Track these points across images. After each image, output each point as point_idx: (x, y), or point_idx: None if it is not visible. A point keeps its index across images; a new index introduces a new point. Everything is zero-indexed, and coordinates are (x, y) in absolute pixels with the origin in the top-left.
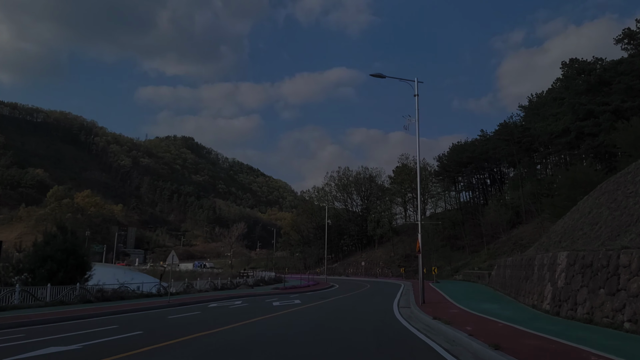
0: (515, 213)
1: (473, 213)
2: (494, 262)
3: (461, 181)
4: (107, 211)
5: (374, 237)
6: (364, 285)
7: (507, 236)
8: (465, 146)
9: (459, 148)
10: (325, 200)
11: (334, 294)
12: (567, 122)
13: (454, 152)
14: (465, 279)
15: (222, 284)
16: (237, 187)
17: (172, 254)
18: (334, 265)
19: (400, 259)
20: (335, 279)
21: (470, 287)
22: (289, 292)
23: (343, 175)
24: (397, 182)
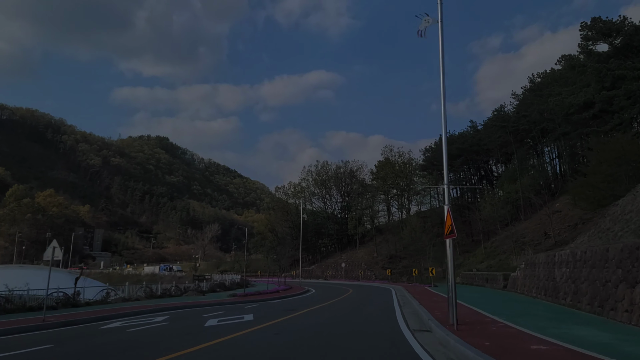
0: (514, 208)
1: (462, 210)
2: (493, 263)
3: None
4: (72, 212)
5: (355, 237)
6: (346, 290)
7: (505, 234)
8: (454, 138)
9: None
10: (302, 197)
11: (307, 303)
12: (590, 93)
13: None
14: (465, 282)
15: (163, 290)
16: (213, 188)
17: (51, 245)
18: (311, 268)
19: (384, 260)
20: (312, 282)
21: (492, 293)
22: (247, 300)
23: (321, 170)
24: (379, 177)
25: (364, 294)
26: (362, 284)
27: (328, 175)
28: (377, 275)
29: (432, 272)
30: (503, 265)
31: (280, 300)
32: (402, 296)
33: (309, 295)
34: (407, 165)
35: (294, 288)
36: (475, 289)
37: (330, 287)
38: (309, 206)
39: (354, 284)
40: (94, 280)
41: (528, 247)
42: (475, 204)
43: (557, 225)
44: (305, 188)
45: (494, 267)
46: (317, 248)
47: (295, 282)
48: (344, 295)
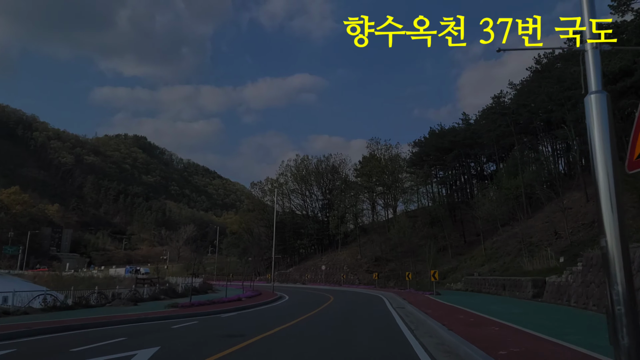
0: (518, 204)
1: (453, 210)
2: (497, 267)
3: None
4: (38, 211)
5: (337, 237)
6: (326, 298)
7: (507, 234)
8: (446, 131)
9: (440, 133)
10: (279, 192)
11: (268, 320)
12: (629, 57)
13: (433, 137)
14: (470, 288)
15: (77, 298)
16: (192, 189)
17: None
18: (289, 271)
19: (369, 262)
20: (287, 287)
21: (531, 308)
22: (185, 314)
23: (301, 165)
24: (364, 173)
25: (350, 304)
26: (345, 290)
27: (308, 170)
28: (361, 279)
29: (435, 276)
30: (510, 269)
31: (233, 313)
32: (400, 307)
33: (277, 306)
34: (394, 161)
35: (263, 294)
36: (497, 299)
37: (308, 294)
38: (287, 204)
39: (335, 289)
40: (35, 284)
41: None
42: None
43: (569, 223)
44: (283, 184)
45: (498, 271)
46: (295, 249)
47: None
48: (323, 305)
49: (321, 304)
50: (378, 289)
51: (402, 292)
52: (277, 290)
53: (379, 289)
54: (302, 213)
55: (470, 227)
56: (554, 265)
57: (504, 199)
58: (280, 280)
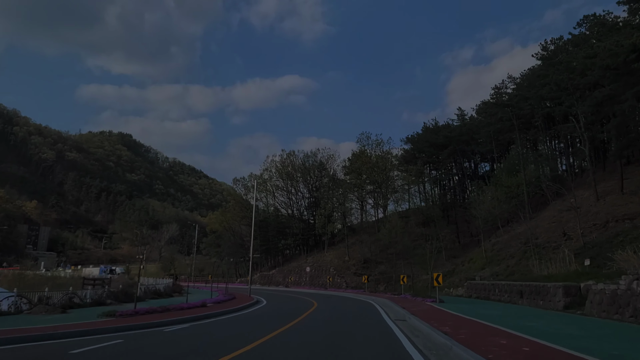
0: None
1: (447, 210)
2: (500, 270)
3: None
4: (14, 207)
5: (324, 237)
6: (308, 305)
7: (509, 235)
8: (440, 127)
9: (434, 129)
10: (264, 190)
11: (227, 338)
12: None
13: (427, 133)
14: (475, 295)
15: None
16: (177, 188)
17: None
18: (272, 272)
19: (358, 264)
20: (268, 290)
21: (587, 325)
22: (117, 327)
23: (287, 160)
24: (353, 170)
25: (336, 314)
26: (331, 294)
27: (294, 166)
28: (348, 282)
29: (439, 280)
30: (516, 273)
31: (185, 326)
32: (401, 320)
33: (245, 315)
34: (385, 159)
35: (237, 299)
36: (520, 310)
37: (288, 298)
38: (272, 201)
39: (320, 293)
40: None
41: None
42: (463, 202)
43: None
44: (267, 180)
45: (502, 275)
46: (279, 250)
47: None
48: (303, 315)
49: (301, 313)
50: (368, 293)
51: (396, 299)
52: (255, 293)
53: (369, 293)
54: (287, 212)
55: (464, 229)
56: (574, 269)
57: (505, 197)
58: (262, 282)
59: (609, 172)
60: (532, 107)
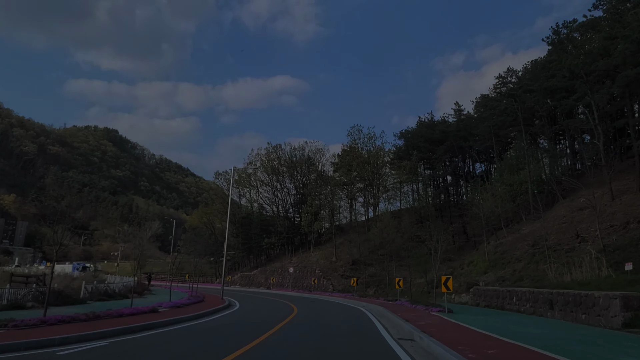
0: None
1: (442, 210)
2: (506, 275)
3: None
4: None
5: (310, 236)
6: (285, 311)
7: (513, 236)
8: (436, 123)
9: (430, 124)
10: (247, 185)
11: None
12: None
13: (422, 127)
14: (484, 303)
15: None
16: (163, 185)
17: None
18: (253, 273)
19: (346, 266)
20: (247, 292)
21: None
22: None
23: (273, 154)
24: (343, 164)
25: (320, 329)
26: (316, 298)
27: (280, 160)
28: (335, 285)
29: (449, 284)
30: (525, 278)
31: (104, 342)
32: (407, 339)
33: (202, 326)
34: (377, 155)
35: (205, 302)
36: (565, 327)
37: (266, 303)
38: (255, 196)
39: (304, 296)
40: None
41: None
42: (458, 202)
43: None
44: (251, 174)
45: (509, 280)
46: (262, 249)
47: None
48: (275, 328)
49: (273, 325)
50: (357, 298)
51: (392, 306)
52: (231, 295)
53: (358, 298)
54: (272, 209)
55: (460, 230)
56: (606, 274)
57: (510, 195)
58: (243, 283)
59: (622, 169)
60: (536, 100)
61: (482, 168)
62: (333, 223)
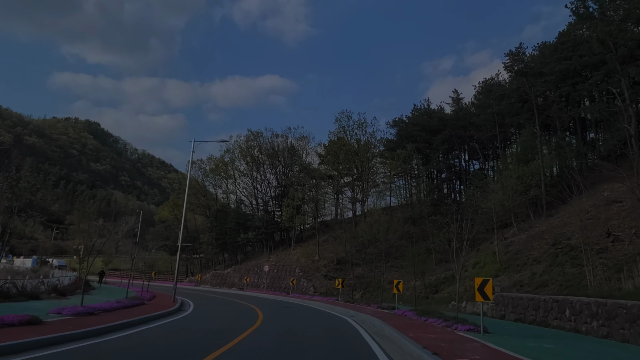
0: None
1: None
2: (524, 279)
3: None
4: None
5: (291, 231)
6: (243, 324)
7: (525, 234)
8: (433, 111)
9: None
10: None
11: None
12: None
13: (418, 115)
14: (509, 313)
15: None
16: (144, 181)
17: None
18: (227, 272)
19: (330, 265)
20: (214, 293)
21: None
22: None
23: (253, 141)
24: (331, 152)
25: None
26: (292, 302)
27: (261, 149)
28: (317, 287)
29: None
30: (550, 284)
31: None
32: None
33: (95, 350)
34: (368, 146)
35: (148, 306)
36: None
37: (226, 308)
38: (232, 186)
39: (279, 299)
40: None
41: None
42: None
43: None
44: (228, 164)
45: (529, 285)
46: (238, 246)
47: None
48: (213, 355)
49: (214, 348)
50: (343, 303)
51: (390, 317)
52: (191, 296)
53: (345, 304)
54: (251, 202)
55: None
56: None
57: (522, 187)
58: (214, 283)
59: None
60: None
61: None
62: (317, 218)
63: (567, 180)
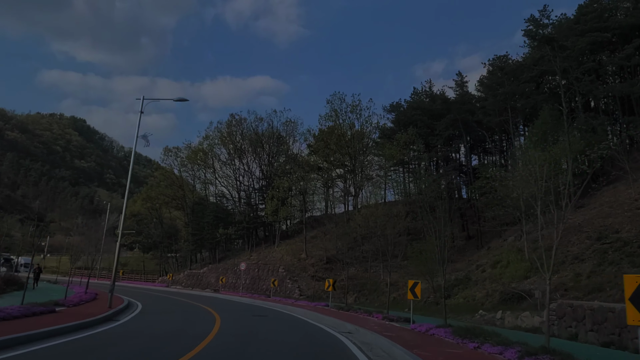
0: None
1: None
2: (566, 281)
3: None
4: None
5: (275, 227)
6: (181, 347)
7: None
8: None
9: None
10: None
11: None
12: None
13: (419, 98)
14: (588, 336)
15: None
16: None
17: None
18: (202, 271)
19: (318, 264)
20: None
21: None
22: None
23: (236, 127)
24: (319, 147)
25: None
26: (272, 309)
27: (244, 135)
28: (303, 289)
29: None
30: (606, 286)
31: None
32: None
33: None
34: (357, 141)
35: (61, 314)
36: None
37: (179, 314)
38: (211, 176)
39: (255, 304)
40: None
41: None
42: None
43: None
44: (208, 152)
45: (576, 290)
46: (217, 242)
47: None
48: None
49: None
50: (335, 312)
51: (414, 339)
52: (145, 299)
53: (338, 313)
54: (232, 194)
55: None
56: None
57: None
58: (188, 283)
59: None
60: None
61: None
62: (305, 210)
63: (602, 165)
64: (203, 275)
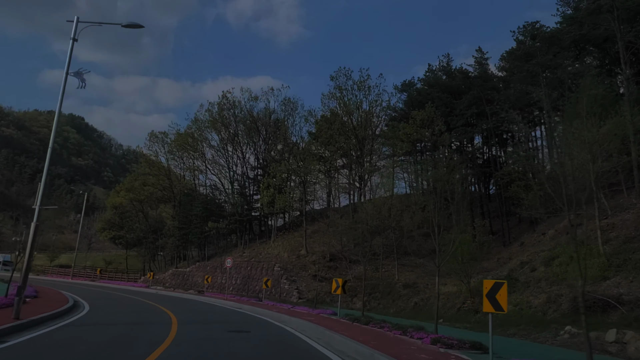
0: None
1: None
2: None
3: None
4: None
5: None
6: None
7: (629, 213)
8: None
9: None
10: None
11: None
12: None
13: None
14: None
15: None
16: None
17: None
18: (189, 270)
19: (320, 262)
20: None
21: None
22: None
23: (228, 111)
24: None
25: None
26: (259, 318)
27: (237, 118)
28: (302, 290)
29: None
30: None
31: None
32: None
33: None
34: (363, 128)
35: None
36: None
37: (120, 322)
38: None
39: (241, 312)
40: None
41: None
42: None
43: None
44: (198, 138)
45: None
46: (206, 238)
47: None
48: None
49: None
50: (349, 324)
51: None
52: (106, 301)
53: (355, 328)
54: (223, 184)
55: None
56: None
57: (617, 146)
58: (170, 284)
59: None
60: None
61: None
62: (305, 200)
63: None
64: (189, 274)
